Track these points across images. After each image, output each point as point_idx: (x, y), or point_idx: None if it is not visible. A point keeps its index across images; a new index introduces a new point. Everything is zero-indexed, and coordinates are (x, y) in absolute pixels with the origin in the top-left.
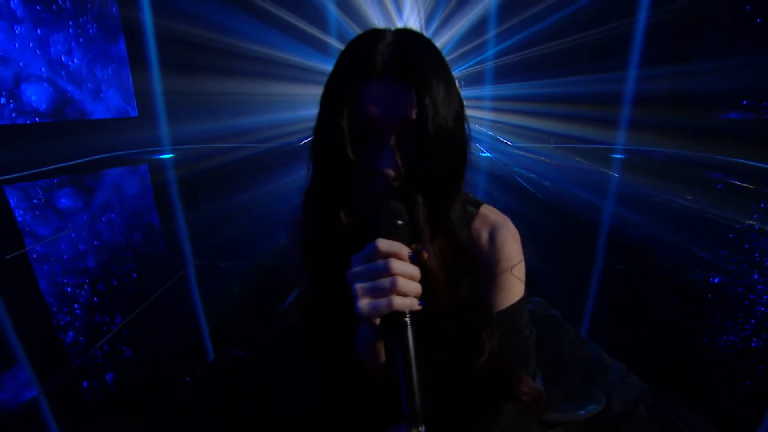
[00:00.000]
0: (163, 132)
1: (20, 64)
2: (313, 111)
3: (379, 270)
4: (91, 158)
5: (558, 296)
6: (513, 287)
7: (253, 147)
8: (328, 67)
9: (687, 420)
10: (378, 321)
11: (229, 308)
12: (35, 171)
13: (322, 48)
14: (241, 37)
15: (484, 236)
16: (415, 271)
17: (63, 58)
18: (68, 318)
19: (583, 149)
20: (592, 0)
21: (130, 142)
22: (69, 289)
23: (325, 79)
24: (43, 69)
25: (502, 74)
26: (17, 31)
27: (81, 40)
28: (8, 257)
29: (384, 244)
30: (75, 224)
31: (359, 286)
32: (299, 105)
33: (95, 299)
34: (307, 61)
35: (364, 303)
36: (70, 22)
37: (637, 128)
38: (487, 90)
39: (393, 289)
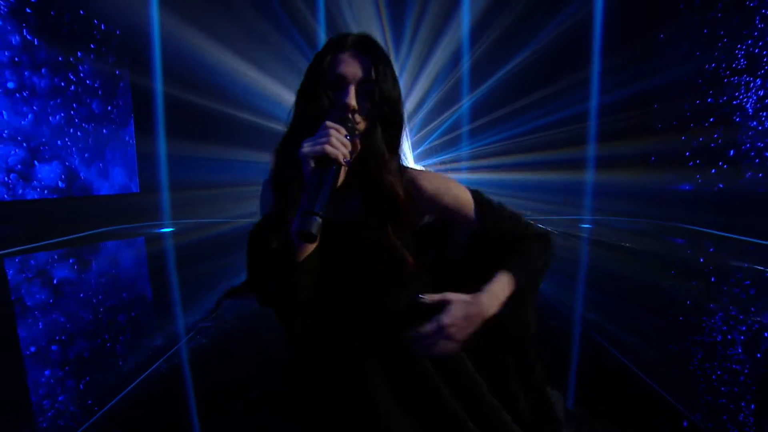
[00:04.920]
0: (165, 207)
1: (32, 143)
2: None
3: (321, 134)
4: (94, 231)
5: None
6: (462, 194)
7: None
8: None
9: None
10: (313, 165)
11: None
12: (42, 243)
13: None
14: (246, 108)
15: (410, 185)
16: (347, 142)
17: (73, 139)
18: (75, 382)
19: (552, 221)
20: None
21: (131, 217)
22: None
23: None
24: (53, 148)
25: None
26: (30, 114)
27: (92, 123)
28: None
29: (329, 123)
30: (77, 293)
31: (305, 144)
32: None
33: (95, 371)
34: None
35: (306, 149)
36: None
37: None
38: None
39: (327, 141)
